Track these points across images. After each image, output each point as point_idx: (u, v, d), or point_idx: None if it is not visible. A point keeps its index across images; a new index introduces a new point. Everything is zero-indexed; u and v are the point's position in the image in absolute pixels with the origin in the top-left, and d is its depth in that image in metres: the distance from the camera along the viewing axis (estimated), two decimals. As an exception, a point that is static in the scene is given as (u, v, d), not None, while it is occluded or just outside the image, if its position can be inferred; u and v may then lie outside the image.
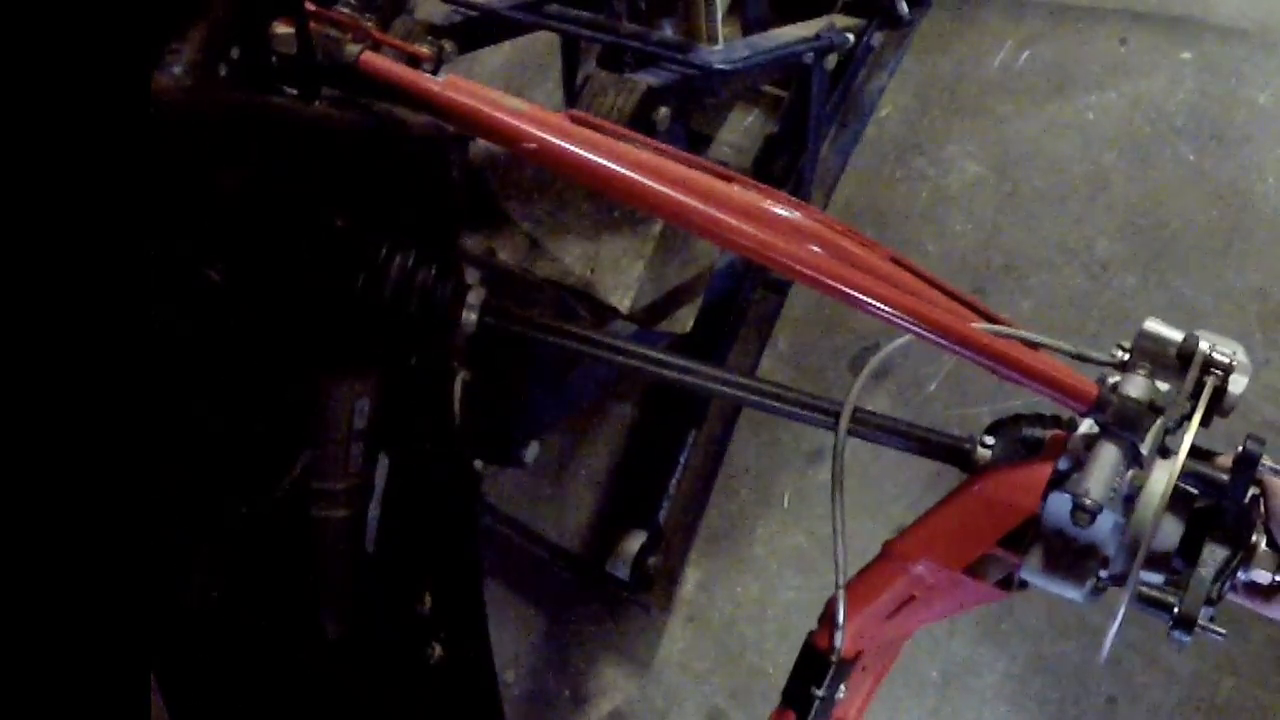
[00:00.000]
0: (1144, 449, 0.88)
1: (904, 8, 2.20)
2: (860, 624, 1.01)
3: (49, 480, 0.64)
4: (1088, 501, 0.85)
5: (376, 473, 1.06)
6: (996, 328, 0.95)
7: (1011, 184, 2.09)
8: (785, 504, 1.99)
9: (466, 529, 1.20)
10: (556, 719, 1.99)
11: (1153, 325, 0.93)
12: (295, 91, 0.99)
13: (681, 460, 1.96)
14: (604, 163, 0.95)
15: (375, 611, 1.09)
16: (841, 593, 0.99)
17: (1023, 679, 1.78)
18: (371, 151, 1.00)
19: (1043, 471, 0.94)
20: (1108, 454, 0.88)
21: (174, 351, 0.87)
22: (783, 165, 1.98)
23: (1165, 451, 0.90)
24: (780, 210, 0.98)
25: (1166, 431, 0.89)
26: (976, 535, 0.97)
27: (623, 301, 1.38)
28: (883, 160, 2.18)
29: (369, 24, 1.09)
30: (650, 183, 0.94)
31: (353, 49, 1.02)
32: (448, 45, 1.53)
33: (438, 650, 1.16)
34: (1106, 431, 0.89)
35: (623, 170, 0.95)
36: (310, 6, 1.00)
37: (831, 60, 1.85)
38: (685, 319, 1.51)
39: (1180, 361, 0.91)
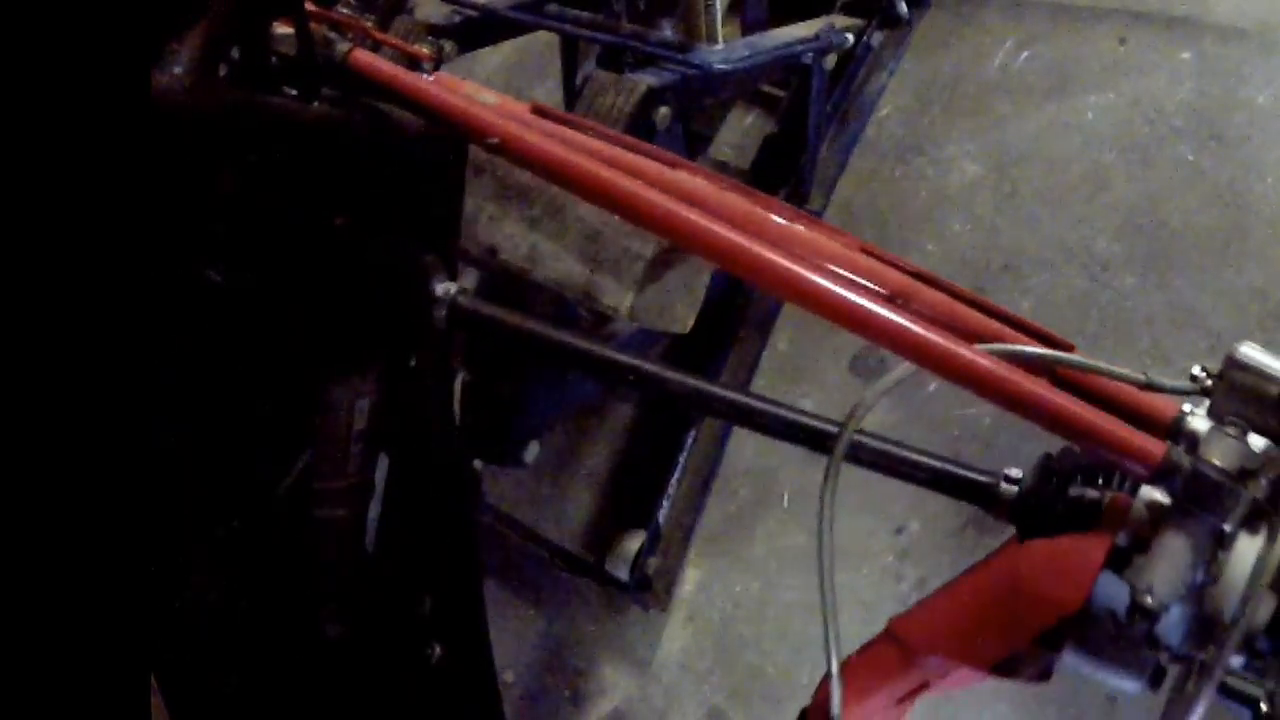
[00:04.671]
0: (1229, 527, 0.68)
1: (903, 8, 2.21)
2: (860, 713, 0.86)
3: (49, 481, 0.64)
4: (1149, 602, 0.67)
5: (376, 473, 1.06)
6: (1011, 348, 0.76)
7: (1011, 184, 2.09)
8: (785, 504, 1.98)
9: (466, 529, 1.20)
10: (556, 719, 1.99)
11: (1250, 352, 0.70)
12: (295, 91, 0.99)
13: (681, 460, 1.96)
14: (561, 153, 0.93)
15: (375, 611, 1.09)
16: (836, 681, 0.77)
17: (1022, 679, 1.78)
18: (371, 151, 1.00)
19: (1095, 553, 0.74)
20: (1179, 543, 0.68)
21: (174, 352, 0.87)
22: (782, 165, 1.98)
23: (1253, 518, 0.69)
24: (742, 203, 0.91)
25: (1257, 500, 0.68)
26: (1007, 633, 0.80)
27: (623, 301, 1.38)
28: (883, 160, 2.18)
29: (369, 24, 1.09)
30: (602, 171, 0.90)
31: (343, 47, 1.02)
32: (448, 45, 1.54)
33: (438, 650, 1.16)
34: (1179, 508, 0.69)
35: (577, 160, 0.92)
36: (310, 6, 1.00)
37: (831, 60, 1.85)
38: (685, 319, 1.51)
39: None
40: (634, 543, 1.90)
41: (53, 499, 0.65)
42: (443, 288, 1.03)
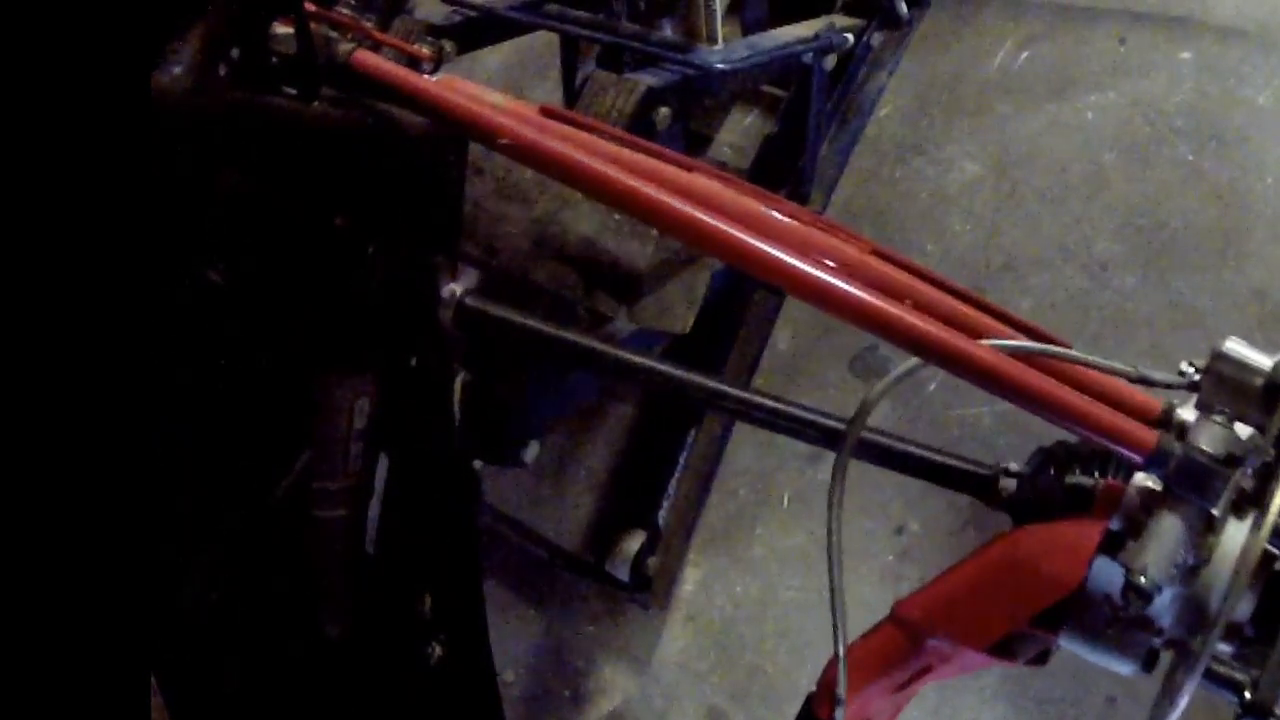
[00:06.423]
0: (1217, 511, 0.71)
1: (903, 8, 2.20)
2: (865, 697, 0.88)
3: (49, 482, 0.64)
4: (1143, 582, 0.69)
5: (376, 473, 1.06)
6: (1014, 344, 0.79)
7: (1011, 184, 2.08)
8: (785, 504, 1.98)
9: (466, 529, 1.20)
10: (556, 719, 1.99)
11: (1235, 347, 0.74)
12: (295, 91, 0.99)
13: (681, 460, 1.96)
14: (575, 156, 0.92)
15: (375, 611, 1.09)
16: (842, 665, 0.80)
17: (1023, 679, 1.78)
18: (371, 151, 1.00)
19: (1090, 536, 0.77)
20: (1170, 526, 0.71)
21: (174, 352, 0.87)
22: (782, 165, 1.98)
23: (1240, 505, 0.73)
24: (754, 205, 0.91)
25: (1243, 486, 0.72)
26: (1006, 613, 0.82)
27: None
28: (882, 160, 2.18)
29: (369, 24, 1.09)
30: (618, 175, 0.90)
31: (346, 48, 1.02)
32: (448, 45, 1.54)
33: (438, 650, 1.16)
34: (1170, 492, 0.72)
35: (592, 163, 0.91)
36: (310, 6, 1.00)
37: (831, 60, 1.85)
38: (685, 319, 1.51)
39: (1266, 395, 0.72)
40: (634, 543, 1.90)
41: (54, 499, 0.65)
42: (449, 289, 1.05)
